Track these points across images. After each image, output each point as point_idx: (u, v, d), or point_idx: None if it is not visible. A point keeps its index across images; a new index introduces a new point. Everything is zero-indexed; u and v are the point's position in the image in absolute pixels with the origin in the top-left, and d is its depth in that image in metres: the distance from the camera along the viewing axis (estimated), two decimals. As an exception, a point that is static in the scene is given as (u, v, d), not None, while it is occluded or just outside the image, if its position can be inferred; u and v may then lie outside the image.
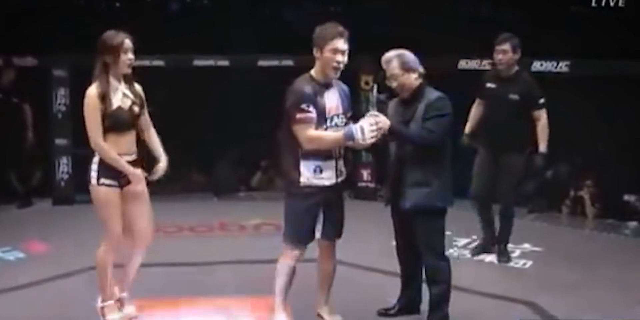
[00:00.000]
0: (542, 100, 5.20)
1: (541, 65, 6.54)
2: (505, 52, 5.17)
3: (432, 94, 4.07)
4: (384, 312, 4.40)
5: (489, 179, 5.38)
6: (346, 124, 3.95)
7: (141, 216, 4.17)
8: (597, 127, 7.34)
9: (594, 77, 6.51)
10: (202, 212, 6.93)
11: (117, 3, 8.95)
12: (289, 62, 7.08)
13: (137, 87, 4.11)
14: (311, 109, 3.84)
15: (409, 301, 4.41)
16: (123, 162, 3.97)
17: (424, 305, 4.32)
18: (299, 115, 3.83)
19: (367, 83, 7.24)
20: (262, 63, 7.26)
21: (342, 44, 3.85)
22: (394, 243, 4.41)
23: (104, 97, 3.90)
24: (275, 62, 7.19)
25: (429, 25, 7.40)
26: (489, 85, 5.35)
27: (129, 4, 8.72)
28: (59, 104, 7.27)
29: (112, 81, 3.97)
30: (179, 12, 8.94)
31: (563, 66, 6.52)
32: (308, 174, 3.92)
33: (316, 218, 4.00)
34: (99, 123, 3.90)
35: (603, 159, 7.33)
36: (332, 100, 3.94)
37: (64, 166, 7.36)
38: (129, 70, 4.00)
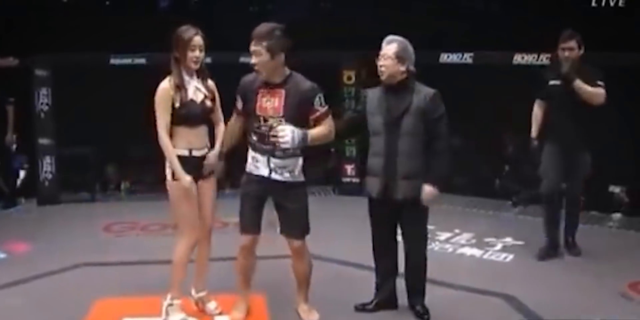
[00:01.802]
0: (600, 82, 5.09)
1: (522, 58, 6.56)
2: (571, 49, 5.09)
3: (425, 88, 4.09)
4: (361, 308, 4.39)
5: (559, 177, 5.31)
6: None
7: (205, 205, 4.16)
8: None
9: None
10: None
11: (106, 1, 8.90)
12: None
13: (210, 82, 4.12)
14: (238, 100, 4.01)
15: (387, 296, 4.41)
16: (176, 163, 3.96)
17: (403, 301, 4.36)
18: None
19: (349, 78, 7.24)
20: (243, 60, 7.24)
21: (252, 46, 3.82)
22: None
23: (179, 89, 3.93)
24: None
25: (413, 21, 7.38)
26: (552, 82, 5.22)
27: (116, 2, 8.67)
28: (42, 104, 7.28)
29: (185, 75, 3.98)
30: (167, 9, 8.91)
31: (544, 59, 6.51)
32: (250, 161, 4.04)
33: (255, 209, 4.03)
34: (167, 116, 3.93)
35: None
36: (272, 101, 3.90)
37: (47, 166, 7.37)
38: (195, 66, 3.99)
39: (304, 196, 4.09)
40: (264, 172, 3.98)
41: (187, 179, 3.97)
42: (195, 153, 4.03)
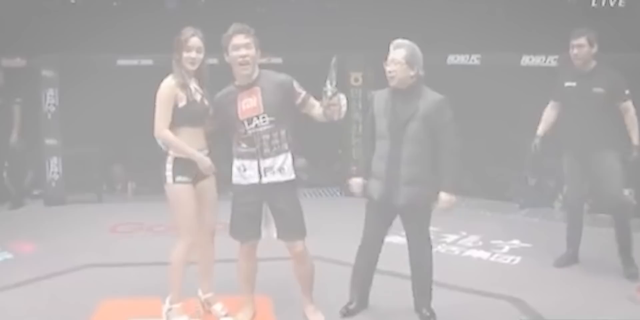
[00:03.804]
0: (627, 91, 4.96)
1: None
2: (580, 47, 4.91)
3: (433, 94, 4.07)
4: (345, 312, 4.35)
5: (582, 182, 5.16)
6: (272, 122, 3.90)
7: (206, 210, 4.13)
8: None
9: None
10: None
11: (114, 2, 8.90)
12: (278, 60, 7.06)
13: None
14: (216, 115, 4.01)
15: (364, 296, 4.42)
16: (190, 149, 3.92)
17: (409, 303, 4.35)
18: None
19: (356, 80, 7.23)
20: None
21: (242, 38, 3.84)
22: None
23: (184, 87, 3.90)
24: (263, 60, 7.15)
25: (419, 22, 7.37)
26: (568, 84, 5.06)
27: (124, 3, 8.68)
28: (49, 104, 7.31)
29: (185, 75, 3.94)
30: (175, 10, 8.91)
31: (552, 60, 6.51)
32: (236, 172, 4.00)
33: (254, 218, 4.02)
34: (168, 114, 3.89)
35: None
36: (249, 102, 3.90)
37: (54, 166, 7.39)
38: (192, 67, 3.94)
39: (296, 194, 4.09)
40: (254, 179, 3.96)
41: (206, 159, 3.94)
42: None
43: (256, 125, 3.89)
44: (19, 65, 7.33)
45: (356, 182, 4.30)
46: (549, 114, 5.32)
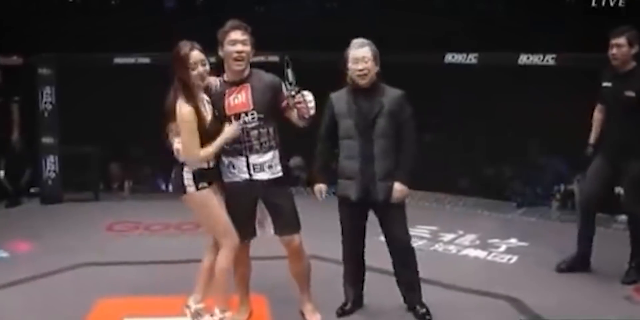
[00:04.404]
0: None
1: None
2: (619, 46, 4.69)
3: (393, 90, 4.14)
4: (341, 312, 4.35)
5: (602, 188, 4.97)
6: (260, 119, 3.88)
7: None
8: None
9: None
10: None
11: (112, 1, 8.89)
12: (274, 58, 7.04)
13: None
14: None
15: (358, 296, 4.41)
16: (218, 141, 3.78)
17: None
18: None
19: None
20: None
21: (239, 35, 3.83)
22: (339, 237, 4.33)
23: (199, 112, 3.74)
24: (261, 58, 7.14)
25: (417, 22, 7.37)
26: (605, 84, 4.87)
27: (123, 1, 8.66)
28: (45, 103, 7.29)
29: (197, 93, 3.81)
30: (173, 9, 8.90)
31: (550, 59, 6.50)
32: (225, 171, 3.96)
33: (249, 216, 3.99)
34: (196, 137, 3.72)
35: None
36: (239, 98, 3.88)
37: (51, 165, 7.37)
38: (203, 83, 3.82)
39: (289, 190, 4.08)
40: (245, 175, 3.93)
41: (232, 127, 3.81)
42: (212, 164, 3.90)
43: (244, 122, 3.87)
44: (15, 63, 7.31)
45: (320, 188, 4.25)
46: (597, 118, 5.07)
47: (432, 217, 6.46)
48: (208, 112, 3.83)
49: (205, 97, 3.88)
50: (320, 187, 4.24)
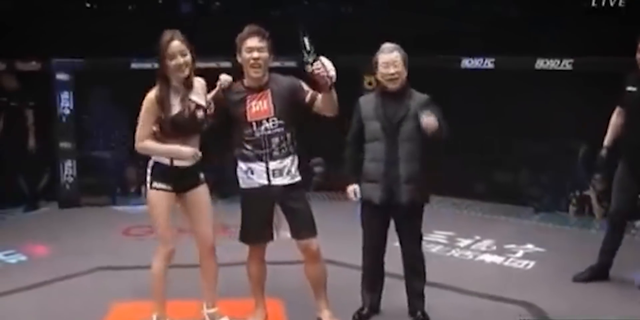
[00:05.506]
0: None
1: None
2: None
3: (420, 94, 4.16)
4: (357, 317, 4.33)
5: (630, 195, 4.87)
6: (281, 125, 3.91)
7: (200, 221, 4.06)
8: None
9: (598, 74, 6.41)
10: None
11: (129, 5, 8.94)
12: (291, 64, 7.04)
13: (198, 84, 3.90)
14: (220, 112, 3.95)
15: (376, 301, 4.40)
16: (165, 146, 3.77)
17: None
18: None
19: (370, 83, 7.21)
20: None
21: (256, 42, 3.85)
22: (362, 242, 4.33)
23: (162, 102, 3.73)
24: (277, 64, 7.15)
25: (433, 26, 7.36)
26: (629, 89, 4.76)
27: (139, 6, 8.71)
28: (63, 108, 7.35)
29: (174, 84, 3.79)
30: (189, 14, 8.94)
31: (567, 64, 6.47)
32: (243, 175, 3.99)
33: (267, 220, 4.01)
34: (149, 127, 3.75)
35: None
36: (260, 104, 3.91)
37: (68, 169, 7.43)
38: (183, 74, 3.77)
39: (304, 193, 4.12)
40: (263, 181, 3.96)
41: (185, 148, 3.76)
42: (177, 163, 3.84)
43: (265, 128, 3.89)
44: (34, 68, 7.36)
45: (355, 189, 4.23)
46: (614, 121, 4.98)
47: (449, 223, 6.44)
48: (178, 107, 3.75)
49: (185, 92, 3.78)
50: (354, 187, 4.23)
